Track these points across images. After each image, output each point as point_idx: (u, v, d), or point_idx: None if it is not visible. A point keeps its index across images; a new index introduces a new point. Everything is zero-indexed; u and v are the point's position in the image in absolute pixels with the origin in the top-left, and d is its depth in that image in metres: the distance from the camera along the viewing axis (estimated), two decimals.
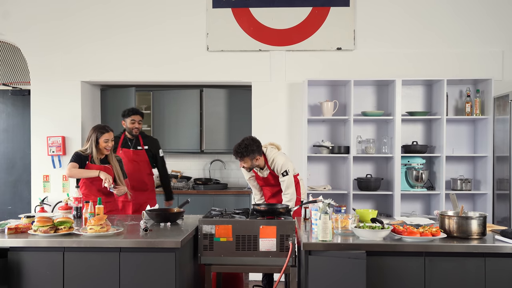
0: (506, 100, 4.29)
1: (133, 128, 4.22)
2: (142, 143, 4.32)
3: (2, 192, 5.42)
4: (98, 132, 3.57)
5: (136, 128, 4.24)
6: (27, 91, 5.26)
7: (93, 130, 3.59)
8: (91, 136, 3.56)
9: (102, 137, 3.55)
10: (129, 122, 4.22)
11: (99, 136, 3.55)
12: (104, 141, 3.55)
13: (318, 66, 4.85)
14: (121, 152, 4.23)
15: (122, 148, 4.27)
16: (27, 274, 2.58)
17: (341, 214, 2.78)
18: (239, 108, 5.34)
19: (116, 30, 4.96)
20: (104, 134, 3.56)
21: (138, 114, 4.27)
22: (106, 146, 3.56)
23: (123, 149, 4.26)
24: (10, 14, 4.98)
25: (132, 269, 2.56)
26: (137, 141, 4.31)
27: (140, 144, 4.30)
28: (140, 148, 4.30)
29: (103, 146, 3.56)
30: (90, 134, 3.58)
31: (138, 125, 4.26)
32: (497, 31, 4.78)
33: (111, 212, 3.61)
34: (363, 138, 4.82)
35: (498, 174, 4.46)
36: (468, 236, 2.53)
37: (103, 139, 3.55)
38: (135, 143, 4.30)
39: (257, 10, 4.86)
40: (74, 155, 3.53)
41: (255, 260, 2.82)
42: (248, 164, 3.59)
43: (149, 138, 4.46)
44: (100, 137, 3.55)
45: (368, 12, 4.83)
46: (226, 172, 5.75)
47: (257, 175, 3.77)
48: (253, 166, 3.63)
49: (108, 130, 3.60)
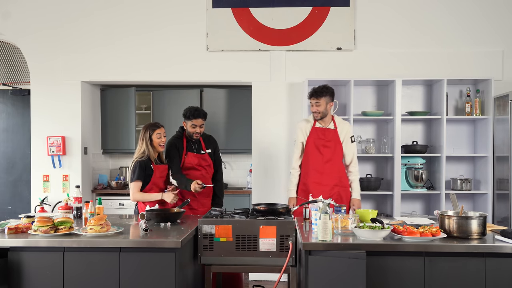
0: (506, 100, 4.29)
1: (193, 133, 3.74)
2: (204, 145, 3.86)
3: (2, 192, 5.42)
4: (149, 129, 3.56)
5: (197, 133, 3.75)
6: (27, 91, 5.26)
7: (144, 129, 3.58)
8: (144, 135, 3.55)
9: (155, 133, 3.54)
10: (189, 126, 3.73)
11: (151, 133, 3.54)
12: (157, 137, 3.54)
13: (318, 66, 4.85)
14: (185, 156, 3.77)
15: (188, 152, 3.79)
16: (27, 274, 2.58)
17: (341, 214, 2.78)
18: (239, 108, 5.34)
19: (116, 30, 4.96)
20: (156, 130, 3.55)
21: (200, 117, 3.73)
22: (160, 142, 3.56)
23: (189, 153, 3.77)
24: (10, 14, 4.98)
25: (132, 269, 2.56)
26: (199, 144, 3.85)
27: (203, 147, 3.84)
28: (203, 152, 3.83)
29: (157, 142, 3.55)
30: (142, 134, 3.56)
31: (200, 130, 3.75)
32: (497, 31, 4.78)
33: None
34: (363, 138, 4.83)
35: (498, 174, 4.46)
36: (468, 236, 2.53)
37: (155, 135, 3.54)
38: (198, 146, 3.84)
39: (257, 10, 4.86)
40: (136, 167, 3.46)
41: (255, 260, 2.83)
42: (322, 108, 3.61)
43: (209, 138, 3.95)
44: (152, 134, 3.54)
45: (368, 12, 4.83)
46: (226, 172, 5.75)
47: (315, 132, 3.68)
48: (325, 113, 3.64)
49: (159, 125, 3.60)
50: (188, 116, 3.71)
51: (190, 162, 3.74)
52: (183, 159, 3.74)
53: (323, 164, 3.67)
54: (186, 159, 3.74)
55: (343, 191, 3.67)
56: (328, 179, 3.64)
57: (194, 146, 3.80)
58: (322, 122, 3.71)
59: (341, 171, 3.70)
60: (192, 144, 3.80)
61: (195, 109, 3.74)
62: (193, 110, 3.72)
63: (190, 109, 3.74)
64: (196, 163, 3.76)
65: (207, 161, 3.82)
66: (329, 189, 3.62)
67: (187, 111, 3.75)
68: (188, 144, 3.79)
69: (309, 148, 3.70)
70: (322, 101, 3.61)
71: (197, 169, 3.77)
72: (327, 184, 3.63)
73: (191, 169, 3.75)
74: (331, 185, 3.63)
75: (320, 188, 3.59)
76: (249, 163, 5.56)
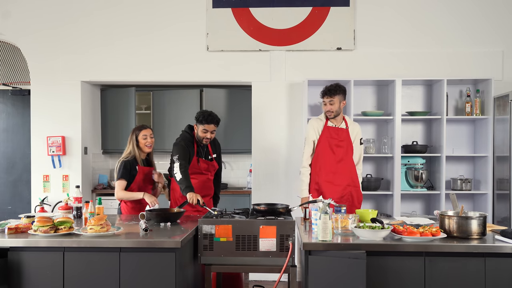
0: (506, 100, 4.29)
1: (203, 137, 3.62)
2: (211, 150, 3.79)
3: (2, 192, 5.42)
4: (136, 130, 3.61)
5: (207, 138, 3.64)
6: (27, 91, 5.26)
7: (132, 131, 3.64)
8: (131, 137, 3.60)
9: (140, 134, 3.57)
10: (201, 130, 3.60)
11: (137, 134, 3.58)
12: (143, 138, 3.56)
13: (318, 66, 4.85)
14: (198, 163, 3.67)
15: (199, 157, 3.68)
16: (27, 274, 2.58)
17: (341, 214, 2.78)
18: (239, 108, 5.34)
19: (116, 30, 4.96)
20: (142, 130, 3.58)
21: (213, 123, 3.59)
22: (146, 143, 3.57)
23: (200, 159, 3.69)
24: (10, 14, 4.98)
25: (132, 269, 2.56)
26: (207, 149, 3.76)
27: (210, 153, 3.77)
28: (211, 158, 3.78)
29: (143, 143, 3.57)
30: (130, 136, 3.62)
31: (211, 135, 3.64)
32: (497, 31, 4.78)
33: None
34: (363, 138, 4.82)
35: (498, 174, 4.46)
36: (468, 236, 2.53)
37: (141, 136, 3.56)
38: (206, 151, 3.74)
39: (257, 10, 4.86)
40: (121, 167, 3.51)
41: (255, 260, 2.82)
42: (336, 107, 3.58)
43: (215, 143, 3.88)
44: (138, 135, 3.57)
45: (368, 12, 4.83)
46: (226, 172, 5.75)
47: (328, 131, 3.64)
48: (338, 112, 3.61)
49: (146, 127, 3.61)
50: (201, 120, 3.57)
51: (200, 168, 3.68)
52: (192, 163, 3.63)
53: (335, 164, 3.63)
54: (198, 165, 3.67)
55: (355, 191, 3.66)
56: (341, 179, 3.61)
57: (203, 152, 3.72)
58: (334, 121, 3.67)
59: (352, 171, 3.66)
60: (201, 149, 3.72)
61: (209, 114, 3.60)
62: (206, 115, 3.57)
63: (204, 114, 3.60)
64: (204, 169, 3.72)
65: (214, 166, 3.81)
66: (342, 189, 3.60)
67: (200, 115, 3.60)
68: (198, 149, 3.70)
69: (322, 147, 3.65)
70: (336, 99, 3.58)
71: (204, 174, 3.73)
72: (339, 184, 3.60)
73: (197, 174, 3.68)
74: (343, 185, 3.61)
75: (333, 188, 3.58)
76: (249, 163, 5.56)
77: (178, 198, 3.67)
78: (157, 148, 5.47)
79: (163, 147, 5.26)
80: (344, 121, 3.71)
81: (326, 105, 3.61)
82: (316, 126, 3.69)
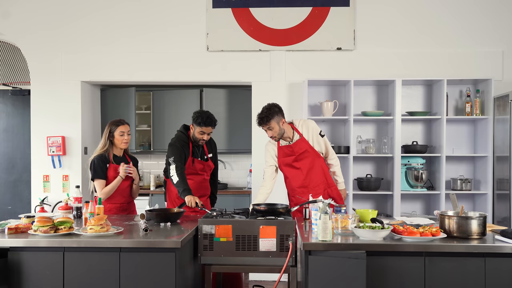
0: (506, 100, 4.29)
1: (200, 139, 3.56)
2: (207, 150, 3.75)
3: (2, 192, 5.43)
4: (112, 125, 3.37)
5: (203, 140, 3.57)
6: (27, 91, 5.26)
7: (108, 125, 3.41)
8: (107, 130, 3.38)
9: (118, 130, 3.36)
10: (197, 131, 3.52)
11: (113, 130, 3.37)
12: (119, 135, 3.36)
13: (318, 66, 4.85)
14: (193, 164, 3.62)
15: (194, 158, 3.63)
16: (27, 274, 2.58)
17: (341, 214, 2.78)
18: (239, 108, 5.34)
19: (116, 30, 4.96)
20: (120, 126, 3.37)
21: (211, 126, 3.53)
22: (122, 140, 3.37)
23: (195, 160, 3.63)
24: (10, 14, 4.98)
25: (132, 269, 2.56)
26: (202, 149, 3.71)
27: (206, 153, 3.73)
28: (206, 158, 3.73)
29: (119, 140, 3.37)
30: (106, 129, 3.40)
31: (207, 137, 3.58)
32: (497, 31, 4.78)
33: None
34: (363, 138, 4.83)
35: (498, 174, 4.46)
36: (468, 236, 2.53)
37: (118, 132, 3.36)
38: (202, 151, 3.71)
39: (257, 10, 4.86)
40: (92, 167, 3.35)
41: (255, 260, 2.82)
42: (276, 130, 3.39)
43: (210, 142, 3.81)
44: (115, 130, 3.36)
45: (368, 12, 4.83)
46: (226, 172, 5.75)
47: (282, 152, 3.48)
48: (281, 132, 3.42)
49: (124, 122, 3.41)
50: (199, 122, 3.48)
51: (195, 168, 3.64)
52: (187, 164, 3.59)
53: (305, 177, 3.50)
54: (193, 165, 3.63)
55: (332, 191, 3.56)
56: (316, 188, 3.49)
57: (199, 152, 3.68)
58: (284, 140, 3.52)
59: (326, 172, 3.55)
60: (197, 149, 3.67)
61: (208, 116, 3.50)
62: (205, 118, 3.48)
63: (202, 116, 3.49)
64: (200, 169, 3.67)
65: (210, 166, 3.76)
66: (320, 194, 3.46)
67: (198, 117, 3.50)
68: (194, 149, 3.64)
69: (285, 169, 3.56)
70: (272, 124, 3.37)
71: (200, 174, 3.68)
72: (316, 192, 3.47)
73: (193, 174, 3.63)
74: (320, 192, 3.48)
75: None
76: (249, 163, 5.56)
77: (174, 199, 3.65)
78: (157, 148, 5.49)
79: (163, 147, 5.26)
80: (294, 132, 3.50)
81: (267, 131, 3.47)
82: (271, 151, 3.56)
